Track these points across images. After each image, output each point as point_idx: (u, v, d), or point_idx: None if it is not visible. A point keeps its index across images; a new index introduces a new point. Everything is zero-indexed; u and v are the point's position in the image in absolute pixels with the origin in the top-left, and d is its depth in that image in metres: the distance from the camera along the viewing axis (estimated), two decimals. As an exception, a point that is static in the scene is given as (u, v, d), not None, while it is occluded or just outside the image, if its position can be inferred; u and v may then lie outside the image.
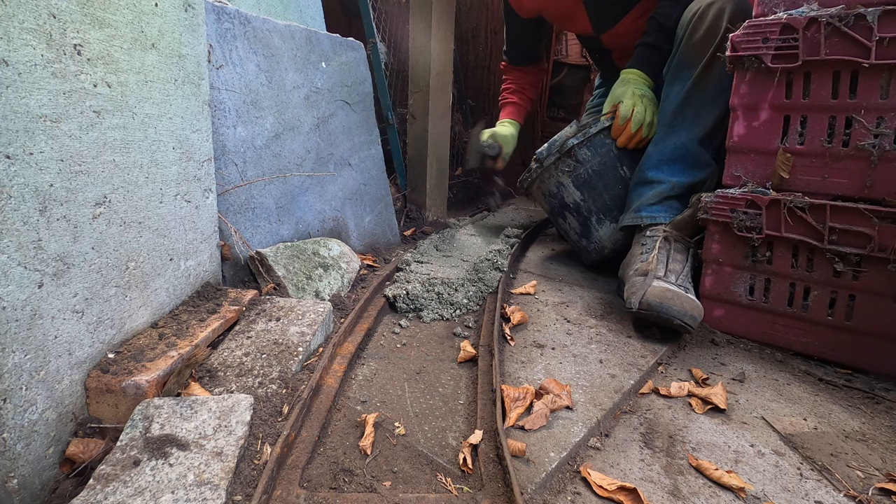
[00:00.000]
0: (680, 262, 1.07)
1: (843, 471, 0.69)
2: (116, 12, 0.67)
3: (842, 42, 0.88)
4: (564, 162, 1.35)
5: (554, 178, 1.39)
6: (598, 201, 1.34)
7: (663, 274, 1.04)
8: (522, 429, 0.72)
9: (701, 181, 1.17)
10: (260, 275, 1.05)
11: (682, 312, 0.95)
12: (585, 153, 1.32)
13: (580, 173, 1.34)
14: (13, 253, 0.54)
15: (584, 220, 1.38)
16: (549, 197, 1.44)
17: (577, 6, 1.50)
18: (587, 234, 1.39)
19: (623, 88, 1.29)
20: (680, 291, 0.98)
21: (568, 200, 1.38)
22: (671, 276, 1.03)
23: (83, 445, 0.61)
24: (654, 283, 1.01)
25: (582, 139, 1.31)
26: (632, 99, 1.26)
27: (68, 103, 0.60)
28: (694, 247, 1.11)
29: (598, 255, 1.39)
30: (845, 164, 0.91)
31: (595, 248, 1.39)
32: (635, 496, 0.61)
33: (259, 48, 1.12)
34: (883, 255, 0.86)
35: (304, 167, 1.26)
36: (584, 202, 1.36)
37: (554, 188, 1.40)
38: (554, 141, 1.36)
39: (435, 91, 1.80)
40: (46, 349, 0.58)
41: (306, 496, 0.57)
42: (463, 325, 1.06)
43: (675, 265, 1.06)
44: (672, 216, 1.16)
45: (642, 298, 0.99)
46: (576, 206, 1.37)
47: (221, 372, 0.75)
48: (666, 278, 1.03)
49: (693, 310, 0.96)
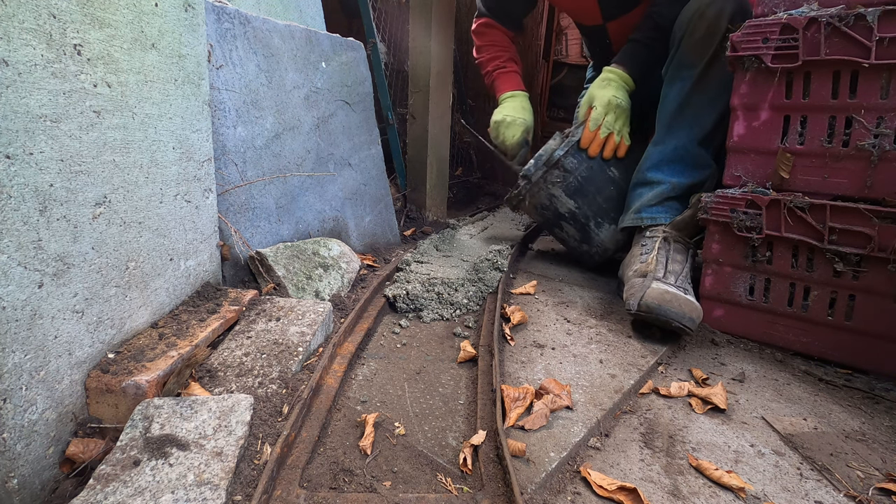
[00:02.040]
0: (679, 263, 1.07)
1: (843, 471, 0.69)
2: (116, 12, 0.67)
3: (842, 42, 0.88)
4: (552, 174, 1.35)
5: (544, 192, 1.39)
6: (593, 206, 1.35)
7: (662, 275, 1.04)
8: (522, 429, 0.72)
9: (701, 182, 1.17)
10: (260, 275, 1.05)
11: (681, 315, 0.95)
12: (572, 161, 1.33)
13: (570, 182, 1.35)
14: (13, 253, 0.54)
15: (582, 227, 1.38)
16: (541, 210, 1.44)
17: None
18: (587, 239, 1.39)
19: (600, 91, 1.29)
20: (679, 293, 0.98)
21: (562, 210, 1.39)
22: (670, 278, 1.03)
23: (83, 445, 0.61)
24: (653, 284, 1.01)
25: (566, 149, 1.32)
26: (605, 107, 1.26)
27: (68, 103, 0.60)
28: (694, 247, 1.11)
29: (602, 257, 1.39)
30: (845, 164, 0.91)
31: (598, 251, 1.39)
32: (635, 496, 0.61)
33: (259, 48, 1.12)
34: (883, 255, 0.86)
35: (304, 167, 1.26)
36: (580, 209, 1.36)
37: (546, 201, 1.40)
38: (540, 156, 1.37)
39: (435, 91, 1.80)
40: (46, 349, 0.58)
41: (306, 496, 0.57)
42: (463, 325, 1.06)
43: (675, 266, 1.06)
44: (672, 217, 1.17)
45: (641, 300, 0.99)
46: (571, 214, 1.38)
47: (221, 372, 0.75)
48: (665, 279, 1.03)
49: (691, 312, 0.96)
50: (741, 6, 1.06)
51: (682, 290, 1.00)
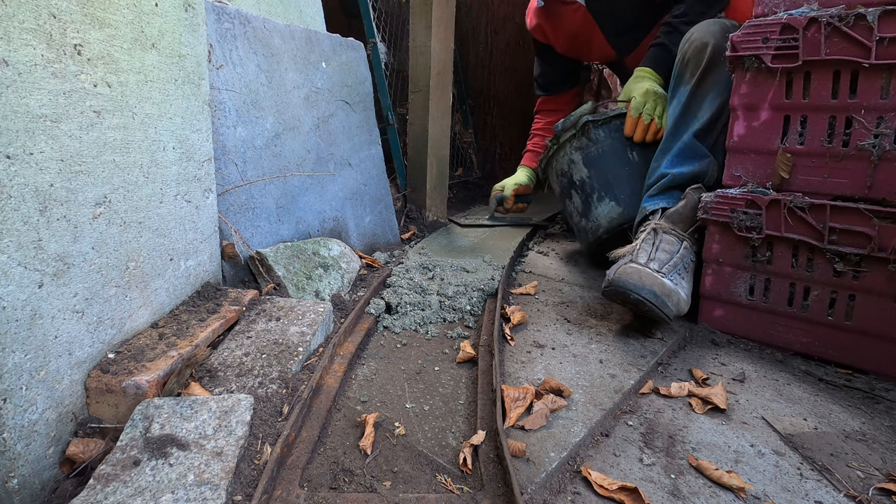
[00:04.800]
0: (668, 253, 1.05)
1: (843, 471, 0.69)
2: (116, 12, 0.67)
3: (842, 42, 0.88)
4: (578, 139, 1.39)
5: (567, 156, 1.42)
6: (601, 179, 1.36)
7: (644, 262, 1.03)
8: (522, 429, 0.72)
9: (701, 172, 1.17)
10: (260, 275, 1.05)
11: (639, 286, 0.95)
12: (599, 133, 1.36)
13: (590, 151, 1.37)
14: (13, 253, 0.54)
15: (586, 198, 1.39)
16: (559, 176, 1.47)
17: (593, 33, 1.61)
18: (587, 212, 1.40)
19: (637, 84, 1.37)
20: (645, 269, 0.98)
21: (576, 178, 1.40)
22: (653, 264, 1.02)
23: (83, 445, 0.61)
24: (627, 264, 1.01)
25: (598, 118, 1.36)
26: (644, 96, 1.33)
27: (68, 103, 0.60)
28: (689, 240, 1.09)
29: (594, 234, 1.39)
30: (845, 164, 0.91)
31: (591, 227, 1.39)
32: (636, 496, 0.61)
33: (259, 48, 1.12)
34: (883, 255, 0.86)
35: (304, 167, 1.26)
36: (589, 179, 1.38)
37: (565, 166, 1.43)
38: (569, 116, 1.40)
39: (435, 91, 1.80)
40: (46, 349, 0.58)
41: (306, 496, 0.57)
42: (463, 325, 1.06)
43: (662, 255, 1.05)
44: (672, 204, 1.16)
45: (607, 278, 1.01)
46: (581, 183, 1.39)
47: (221, 372, 0.75)
48: (646, 265, 1.01)
49: (654, 286, 0.95)
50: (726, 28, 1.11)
51: (660, 274, 0.99)
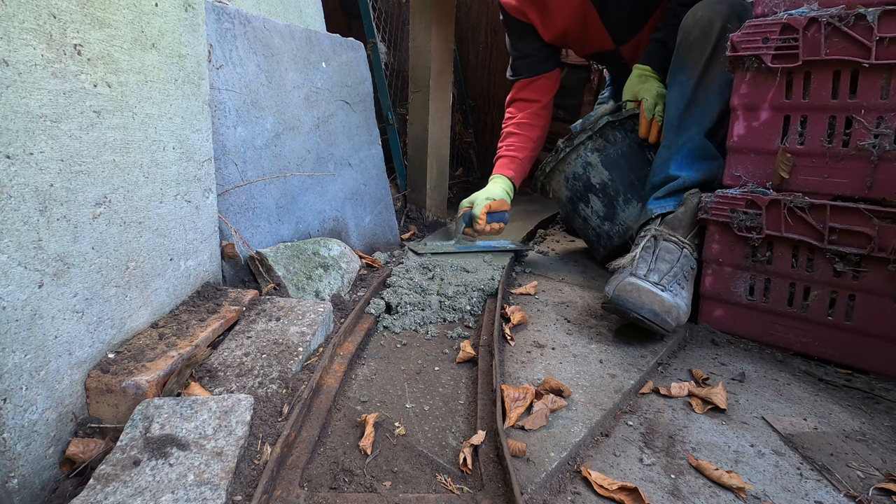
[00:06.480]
0: (668, 263, 1.04)
1: (843, 471, 0.69)
2: (116, 12, 0.67)
3: (842, 42, 0.88)
4: (594, 140, 1.36)
5: (581, 159, 1.38)
6: (626, 181, 1.34)
7: (644, 273, 1.02)
8: (522, 429, 0.72)
9: (713, 177, 1.14)
10: (260, 275, 1.05)
11: (638, 305, 0.94)
12: (617, 135, 1.35)
13: (610, 153, 1.35)
14: (13, 253, 0.54)
15: (610, 201, 1.37)
16: (571, 181, 1.42)
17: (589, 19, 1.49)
18: (612, 216, 1.37)
19: (644, 85, 1.32)
20: (644, 286, 0.96)
21: (594, 181, 1.37)
22: (653, 276, 1.01)
23: (83, 445, 0.61)
24: (626, 279, 1.00)
25: (617, 119, 1.33)
26: (655, 98, 1.30)
27: (68, 103, 0.60)
28: (689, 246, 1.08)
29: (621, 238, 1.36)
30: (845, 164, 0.91)
31: (619, 230, 1.36)
32: (636, 496, 0.61)
33: (259, 48, 1.12)
34: (883, 255, 0.86)
35: (304, 167, 1.26)
36: (612, 181, 1.35)
37: (579, 169, 1.39)
38: (589, 116, 1.37)
39: (435, 91, 1.80)
40: (46, 349, 0.58)
41: (306, 496, 0.57)
42: (463, 325, 1.06)
43: (662, 265, 1.04)
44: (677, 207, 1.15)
45: (607, 293, 1.00)
46: (602, 186, 1.37)
47: (221, 372, 0.75)
48: (645, 277, 1.01)
49: (654, 304, 0.94)
50: (734, 8, 1.06)
51: (660, 287, 0.98)
